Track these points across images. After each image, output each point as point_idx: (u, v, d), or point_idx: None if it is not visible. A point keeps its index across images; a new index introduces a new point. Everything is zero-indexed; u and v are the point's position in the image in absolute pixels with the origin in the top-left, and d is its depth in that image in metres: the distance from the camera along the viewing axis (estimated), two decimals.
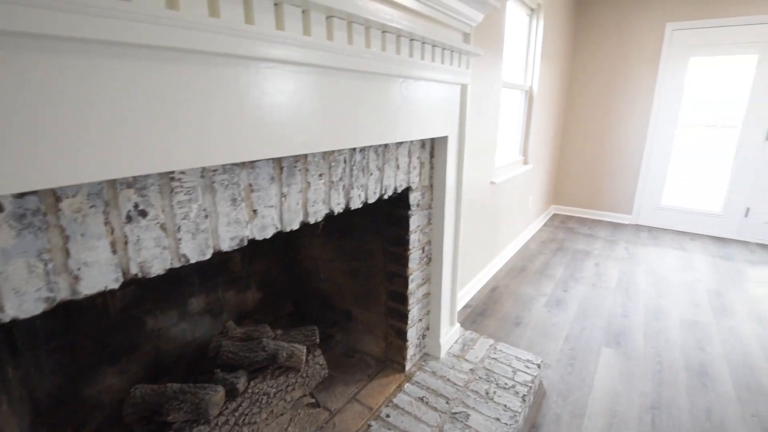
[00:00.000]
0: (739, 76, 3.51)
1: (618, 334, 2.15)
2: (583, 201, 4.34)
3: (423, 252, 1.67)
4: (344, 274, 1.78)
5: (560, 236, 3.70)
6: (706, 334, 2.16)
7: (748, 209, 3.62)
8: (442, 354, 1.78)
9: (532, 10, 3.03)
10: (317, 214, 1.09)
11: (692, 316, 2.33)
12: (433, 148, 1.61)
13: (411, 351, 1.70)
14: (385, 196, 1.37)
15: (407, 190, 1.50)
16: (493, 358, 1.76)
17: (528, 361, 1.75)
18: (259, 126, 0.80)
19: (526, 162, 3.31)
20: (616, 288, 2.65)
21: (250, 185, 0.88)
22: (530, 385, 1.61)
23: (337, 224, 1.73)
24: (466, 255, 2.40)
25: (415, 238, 1.59)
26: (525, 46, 3.11)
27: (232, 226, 0.85)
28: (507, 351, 1.82)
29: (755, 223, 3.61)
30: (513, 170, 2.98)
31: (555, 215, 4.41)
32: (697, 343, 2.08)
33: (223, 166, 0.81)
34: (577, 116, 4.19)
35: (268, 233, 0.95)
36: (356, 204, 1.26)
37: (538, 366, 1.72)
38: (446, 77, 1.41)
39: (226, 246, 0.85)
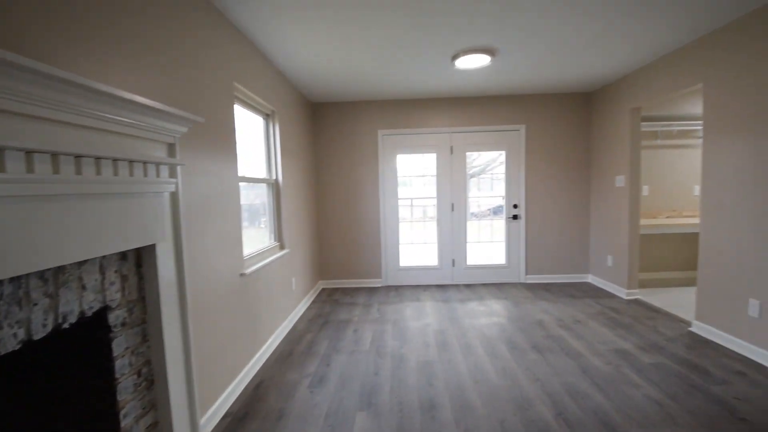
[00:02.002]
0: (431, 165, 4.89)
1: (370, 393, 2.39)
2: (345, 272, 4.87)
3: (139, 376, 1.47)
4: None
5: (326, 310, 3.98)
6: (434, 370, 2.66)
7: (453, 260, 4.88)
8: None
9: (267, 115, 3.42)
10: None
11: (424, 357, 2.85)
12: (141, 257, 1.50)
13: None
14: (66, 325, 1.16)
15: (104, 310, 1.32)
16: None
17: None
18: None
19: (282, 247, 3.51)
20: (370, 349, 3.00)
21: None
22: None
23: (17, 363, 1.33)
24: (221, 357, 2.25)
25: (123, 363, 1.38)
26: (266, 144, 3.43)
27: None
28: None
29: (459, 269, 4.88)
30: (268, 257, 3.09)
31: (323, 290, 4.75)
32: (427, 380, 2.53)
33: None
34: (329, 200, 4.82)
35: None
36: (12, 345, 1.01)
37: None
38: (144, 188, 1.39)
39: None
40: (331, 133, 4.77)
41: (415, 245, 4.96)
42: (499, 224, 4.95)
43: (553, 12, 2.54)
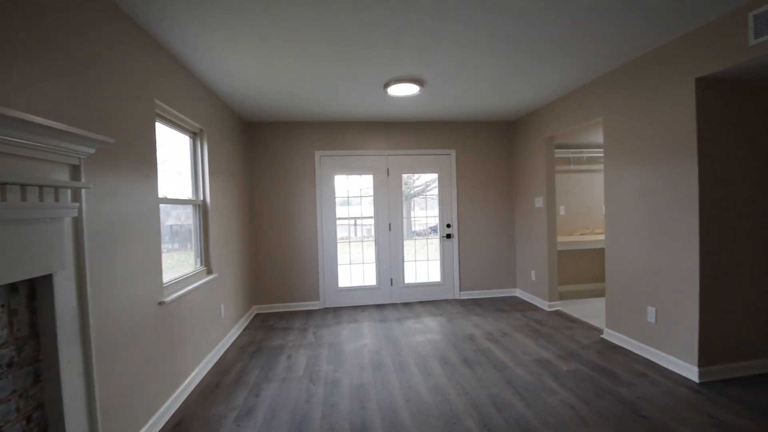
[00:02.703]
0: (368, 186, 4.97)
1: (301, 422, 2.31)
2: (281, 296, 4.73)
3: (29, 422, 1.30)
4: None
5: (259, 336, 3.81)
6: (367, 392, 2.65)
7: (392, 279, 4.95)
8: None
9: (194, 133, 3.29)
10: None
11: (359, 379, 2.82)
12: (34, 289, 1.35)
13: None
14: None
15: None
16: None
17: None
18: None
19: (210, 272, 3.33)
20: (303, 375, 2.92)
21: None
22: None
23: None
24: (136, 394, 2.06)
25: (9, 409, 1.22)
26: (193, 164, 3.29)
27: None
28: None
29: (397, 288, 4.96)
30: (193, 282, 2.92)
31: (257, 315, 4.56)
32: (360, 403, 2.51)
33: None
34: (264, 222, 4.69)
35: None
36: None
37: None
38: (38, 214, 1.27)
39: None
40: (267, 152, 4.69)
41: (354, 265, 4.97)
42: (435, 243, 5.13)
43: (470, 50, 2.77)
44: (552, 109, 4.28)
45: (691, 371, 2.69)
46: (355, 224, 5.01)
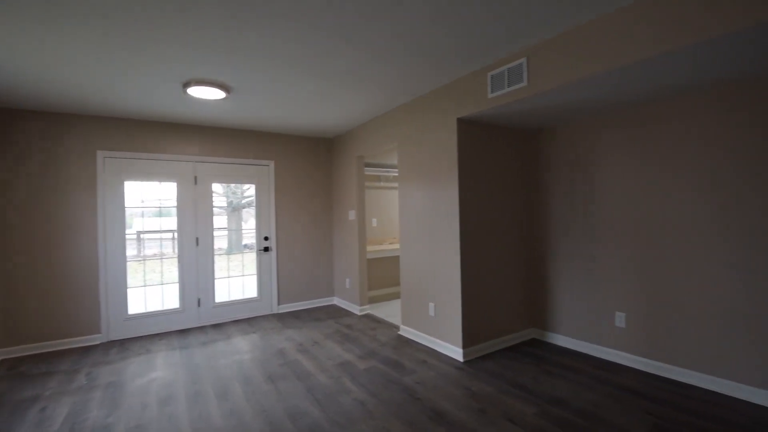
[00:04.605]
0: (171, 195, 4.40)
1: None
2: (44, 334, 3.71)
3: None
4: None
5: (2, 389, 2.89)
6: None
7: (199, 300, 4.49)
8: None
9: None
10: None
11: (137, 420, 2.43)
12: None
13: None
14: None
15: None
16: None
17: None
18: None
19: None
20: (60, 429, 2.34)
21: None
22: None
23: None
24: None
25: None
26: None
27: None
28: None
29: (206, 309, 4.53)
30: None
31: (3, 362, 3.45)
32: None
33: None
34: (19, 240, 3.61)
35: None
36: None
37: None
38: None
39: None
40: (23, 150, 3.66)
41: (151, 287, 4.31)
42: (252, 257, 4.92)
43: (278, 65, 2.79)
44: (360, 132, 4.71)
45: (458, 353, 3.30)
46: (145, 239, 4.37)
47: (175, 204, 4.39)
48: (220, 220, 4.78)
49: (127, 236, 4.10)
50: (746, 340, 2.48)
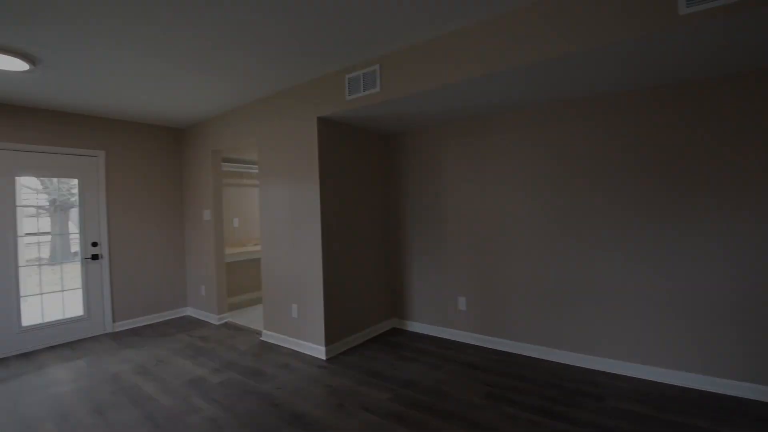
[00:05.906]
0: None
1: None
2: None
3: None
4: None
5: None
6: None
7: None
8: None
9: None
10: None
11: None
12: None
13: None
14: None
15: None
16: None
17: None
18: None
19: None
20: None
21: None
22: None
23: None
24: None
25: None
26: None
27: None
28: None
29: (9, 336, 3.54)
30: None
31: None
32: None
33: None
34: None
35: None
36: None
37: None
38: None
39: None
40: None
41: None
42: (75, 267, 4.05)
43: (97, 33, 2.34)
44: (215, 124, 4.32)
45: (321, 351, 3.30)
46: None
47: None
48: (34, 223, 3.79)
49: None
50: (556, 312, 3.11)
